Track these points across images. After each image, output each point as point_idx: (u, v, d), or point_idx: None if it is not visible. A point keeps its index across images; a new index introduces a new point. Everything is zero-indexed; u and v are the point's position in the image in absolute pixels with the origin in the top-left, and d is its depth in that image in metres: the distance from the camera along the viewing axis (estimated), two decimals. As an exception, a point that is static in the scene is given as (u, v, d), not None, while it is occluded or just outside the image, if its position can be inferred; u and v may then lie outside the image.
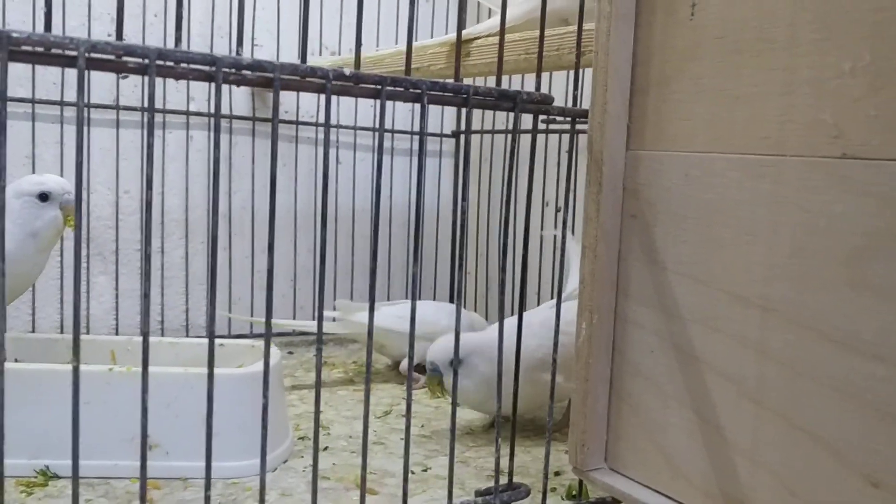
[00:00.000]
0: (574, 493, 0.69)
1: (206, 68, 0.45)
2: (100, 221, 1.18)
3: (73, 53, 0.42)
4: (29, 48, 0.41)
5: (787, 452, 0.49)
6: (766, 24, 0.49)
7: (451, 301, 1.37)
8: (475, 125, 1.40)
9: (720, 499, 0.53)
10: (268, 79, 0.46)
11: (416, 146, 1.43)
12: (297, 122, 1.32)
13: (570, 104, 0.62)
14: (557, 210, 1.22)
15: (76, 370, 0.42)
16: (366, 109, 1.37)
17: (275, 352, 0.81)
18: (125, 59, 0.43)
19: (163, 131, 1.21)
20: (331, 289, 1.33)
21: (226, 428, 0.70)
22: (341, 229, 1.35)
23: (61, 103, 1.12)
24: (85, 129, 1.11)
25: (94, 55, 0.42)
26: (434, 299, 1.42)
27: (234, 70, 0.45)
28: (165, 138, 1.21)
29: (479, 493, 0.60)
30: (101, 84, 1.16)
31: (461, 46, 0.69)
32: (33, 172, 1.06)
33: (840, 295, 0.46)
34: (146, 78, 0.43)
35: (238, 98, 1.27)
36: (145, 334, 0.45)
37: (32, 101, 1.11)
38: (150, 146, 0.44)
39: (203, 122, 1.24)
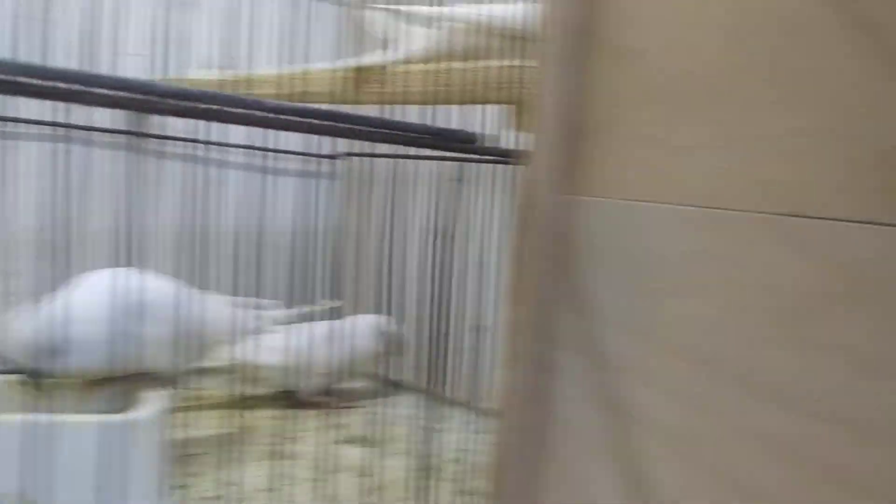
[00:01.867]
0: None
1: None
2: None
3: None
4: None
5: (721, 510, 0.48)
6: (710, 77, 0.48)
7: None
8: (359, 148, 1.37)
9: (650, 557, 0.51)
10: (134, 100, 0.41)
11: (304, 167, 1.38)
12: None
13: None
14: (443, 237, 1.20)
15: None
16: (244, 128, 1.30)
17: (155, 396, 0.74)
18: None
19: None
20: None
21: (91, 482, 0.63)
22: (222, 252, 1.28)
23: None
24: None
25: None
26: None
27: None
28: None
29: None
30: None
31: (366, 73, 0.65)
32: None
33: (782, 353, 0.45)
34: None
35: (105, 112, 1.18)
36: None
37: None
38: None
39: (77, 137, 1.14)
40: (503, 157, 0.58)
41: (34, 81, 0.39)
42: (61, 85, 0.40)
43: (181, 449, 0.88)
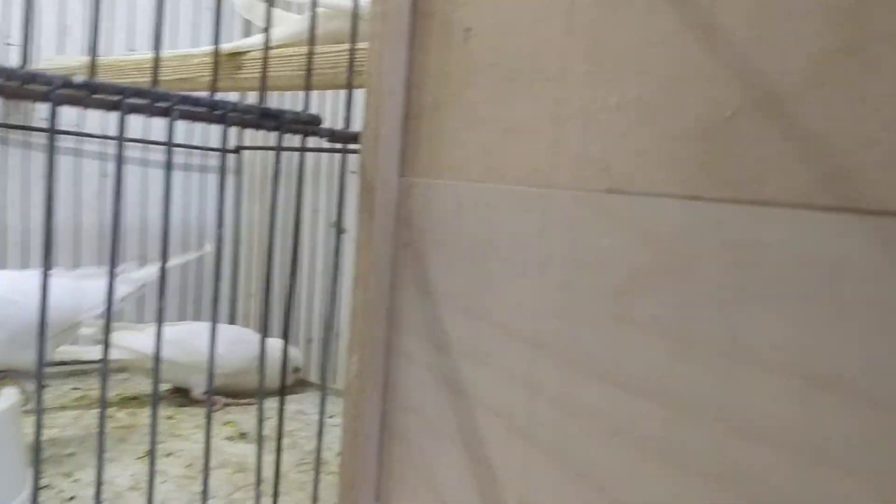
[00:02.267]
0: (346, 536, 0.65)
1: None
2: None
3: None
4: None
5: (557, 492, 0.47)
6: (538, 53, 0.48)
7: (233, 323, 1.30)
8: (259, 141, 1.34)
9: (491, 541, 0.51)
10: (-24, 82, 0.39)
11: (197, 161, 1.35)
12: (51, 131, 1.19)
13: (341, 125, 0.58)
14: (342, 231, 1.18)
15: None
16: (136, 120, 1.26)
17: (9, 392, 0.71)
18: None
19: None
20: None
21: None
22: (104, 247, 1.24)
23: None
24: None
25: None
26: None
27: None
28: None
29: (237, 548, 0.55)
30: None
31: (233, 59, 0.64)
32: None
33: (606, 331, 0.45)
34: None
35: (-14, 101, 1.14)
36: None
37: None
38: None
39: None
40: (351, 140, 0.57)
41: None
42: None
43: (54, 448, 0.85)
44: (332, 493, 0.73)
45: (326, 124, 0.55)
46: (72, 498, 0.73)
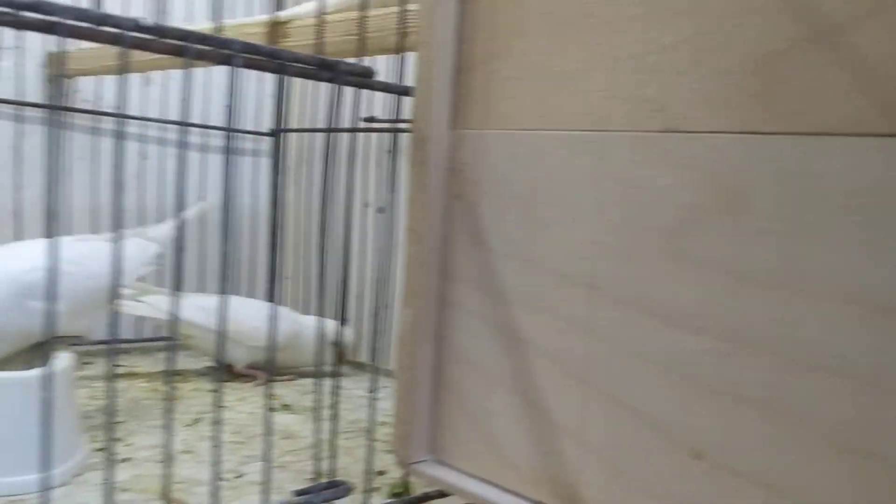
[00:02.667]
0: (398, 490, 0.66)
1: (-25, 7, 0.38)
2: None
3: None
4: None
5: (612, 431, 0.48)
6: (582, 2, 0.49)
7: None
8: (293, 124, 1.36)
9: (547, 484, 0.52)
10: (50, 23, 0.40)
11: (234, 143, 1.36)
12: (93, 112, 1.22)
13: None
14: (379, 211, 1.20)
15: None
16: (176, 103, 1.28)
17: (65, 355, 0.73)
18: None
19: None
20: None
21: (3, 440, 0.62)
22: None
23: None
24: None
25: None
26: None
27: (9, 9, 0.39)
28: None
29: (298, 493, 0.56)
30: None
31: (279, 27, 0.65)
32: None
33: (662, 270, 0.46)
34: None
35: (31, 85, 1.16)
36: None
37: None
38: None
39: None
40: (404, 93, 0.58)
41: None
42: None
43: (105, 417, 0.87)
44: (379, 458, 0.74)
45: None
46: (125, 459, 0.74)
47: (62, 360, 0.71)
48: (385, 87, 0.55)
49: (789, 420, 0.41)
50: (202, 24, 1.09)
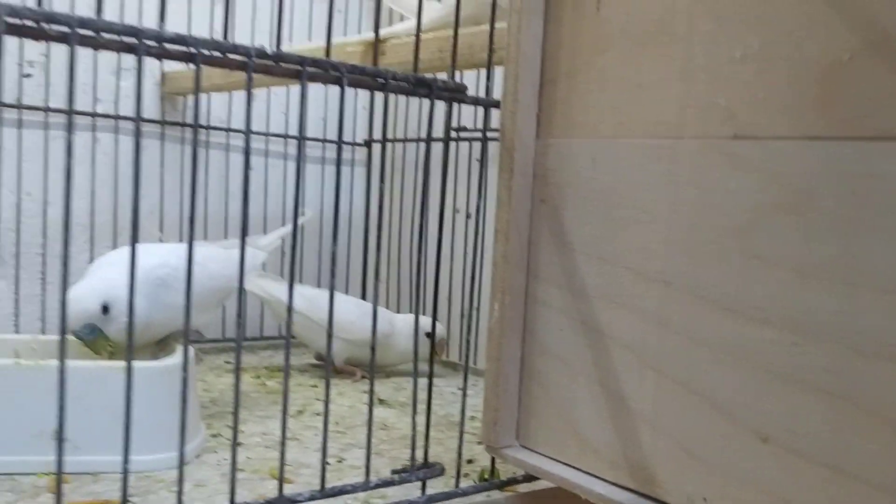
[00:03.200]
0: (486, 476, 0.70)
1: (129, 40, 0.45)
2: (1, 224, 1.15)
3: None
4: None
5: (685, 417, 0.52)
6: (666, 16, 0.53)
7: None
8: (388, 134, 1.42)
9: (625, 467, 0.56)
10: (189, 53, 0.46)
11: (328, 154, 1.44)
12: (201, 126, 1.31)
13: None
14: (468, 217, 1.25)
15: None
16: (277, 116, 1.37)
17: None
18: (46, 25, 0.43)
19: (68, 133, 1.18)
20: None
21: (138, 421, 0.69)
22: (251, 234, 1.35)
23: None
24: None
25: (13, 20, 0.42)
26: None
27: (155, 43, 0.45)
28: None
29: (395, 472, 0.61)
30: (5, 83, 1.13)
31: (379, 45, 0.70)
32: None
33: (732, 266, 0.49)
34: (66, 61, 0.44)
35: (148, 102, 1.26)
36: (63, 333, 0.45)
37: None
38: (71, 130, 0.45)
39: (109, 125, 1.22)
40: (493, 105, 0.63)
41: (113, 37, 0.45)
42: (127, 39, 0.46)
43: (217, 407, 0.95)
44: (469, 448, 0.79)
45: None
46: (238, 444, 0.81)
47: (181, 353, 0.79)
48: (475, 101, 0.60)
49: (851, 405, 0.44)
50: (299, 44, 1.17)
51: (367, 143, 1.47)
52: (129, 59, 1.24)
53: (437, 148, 0.63)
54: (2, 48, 0.41)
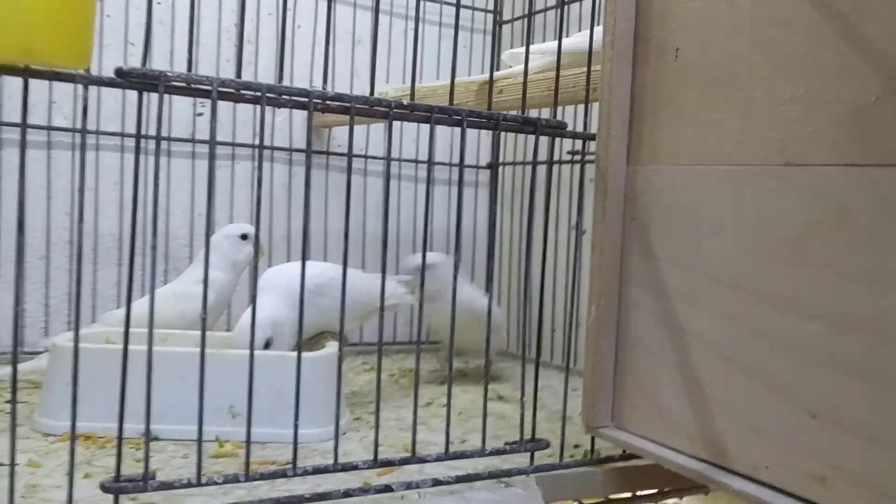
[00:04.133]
0: (588, 455, 0.81)
1: (302, 99, 0.60)
2: (176, 241, 1.34)
3: (208, 88, 0.57)
4: (178, 84, 0.56)
5: (749, 398, 0.62)
6: (730, 64, 0.63)
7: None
8: (510, 158, 1.55)
9: (700, 441, 0.66)
10: (345, 107, 0.61)
11: (454, 176, 1.59)
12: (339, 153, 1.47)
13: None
14: (583, 232, 1.35)
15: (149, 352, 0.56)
16: (408, 143, 1.52)
17: (334, 343, 0.96)
18: (243, 92, 0.58)
19: (231, 161, 1.37)
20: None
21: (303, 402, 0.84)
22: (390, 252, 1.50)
23: (145, 136, 1.29)
24: (164, 159, 1.28)
25: (221, 89, 0.57)
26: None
27: (321, 100, 0.60)
28: (234, 168, 1.38)
29: (507, 443, 0.73)
30: (178, 120, 1.33)
31: (494, 84, 0.83)
32: (131, 195, 1.23)
33: (787, 271, 0.59)
34: (255, 108, 0.59)
35: (297, 135, 1.44)
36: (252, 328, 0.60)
37: (121, 135, 1.28)
38: (260, 178, 0.59)
39: (265, 155, 1.41)
40: (590, 139, 0.74)
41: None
42: (300, 98, 0.60)
43: (358, 398, 1.10)
44: (577, 436, 0.90)
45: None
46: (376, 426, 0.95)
47: (333, 347, 0.94)
48: (574, 135, 0.72)
49: (886, 385, 0.53)
50: (428, 82, 1.31)
51: (491, 166, 1.60)
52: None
53: (565, 171, 0.74)
54: (216, 112, 0.57)
